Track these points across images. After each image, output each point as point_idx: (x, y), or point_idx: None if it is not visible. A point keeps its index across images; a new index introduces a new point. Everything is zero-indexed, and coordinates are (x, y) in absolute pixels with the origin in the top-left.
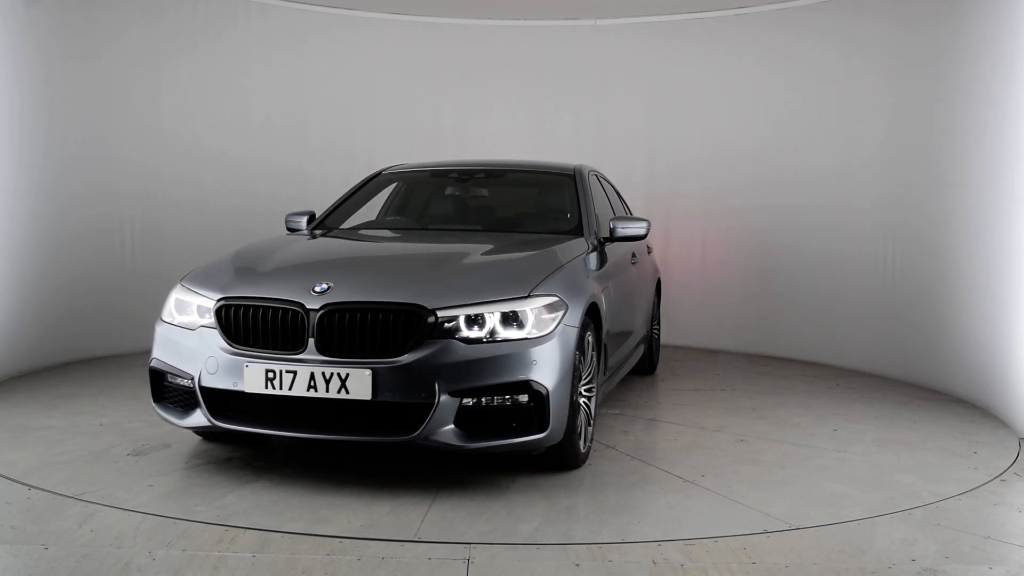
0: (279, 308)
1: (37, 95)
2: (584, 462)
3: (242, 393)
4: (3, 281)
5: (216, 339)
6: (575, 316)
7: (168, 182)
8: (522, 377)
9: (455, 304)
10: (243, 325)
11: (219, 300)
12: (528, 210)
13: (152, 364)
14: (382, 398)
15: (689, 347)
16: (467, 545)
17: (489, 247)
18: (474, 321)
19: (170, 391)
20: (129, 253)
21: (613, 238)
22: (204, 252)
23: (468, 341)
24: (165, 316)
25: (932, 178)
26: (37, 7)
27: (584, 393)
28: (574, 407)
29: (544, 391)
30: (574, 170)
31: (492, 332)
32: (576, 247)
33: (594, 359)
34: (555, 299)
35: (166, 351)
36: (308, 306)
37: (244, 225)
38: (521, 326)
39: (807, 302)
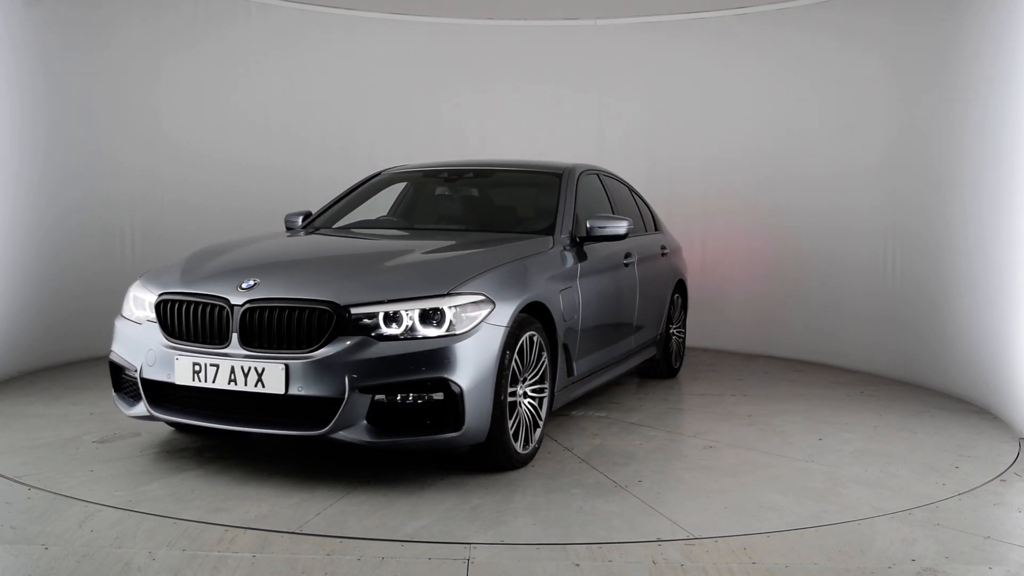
0: (207, 304)
1: (37, 96)
2: (525, 463)
3: (173, 385)
4: (4, 282)
5: (156, 333)
6: (503, 315)
7: (168, 183)
8: (435, 375)
9: (370, 301)
10: (177, 320)
11: (159, 296)
12: (510, 210)
13: (111, 357)
14: (294, 392)
15: (730, 351)
16: (467, 545)
17: (440, 245)
18: (392, 318)
19: (124, 382)
20: (129, 254)
21: (590, 237)
22: None
23: (384, 338)
24: (124, 311)
25: (933, 179)
26: (37, 7)
27: (531, 394)
28: (501, 407)
29: (458, 389)
30: (563, 170)
31: (411, 329)
32: (536, 246)
33: (546, 360)
34: (479, 297)
35: (120, 344)
36: (233, 302)
37: (244, 225)
38: (439, 324)
39: (806, 303)
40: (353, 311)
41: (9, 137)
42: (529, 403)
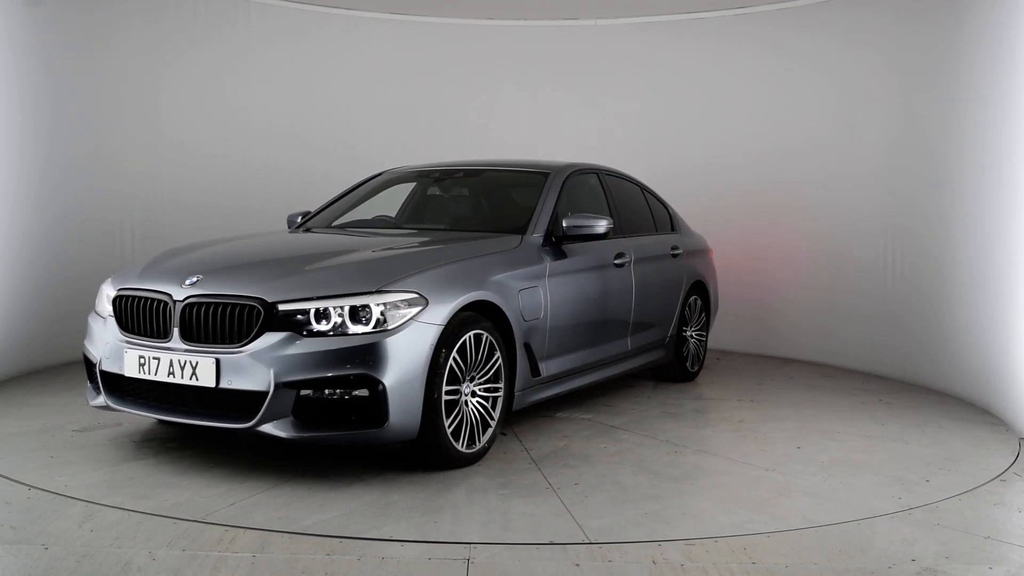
0: (153, 299)
1: (37, 96)
2: (470, 463)
3: (123, 376)
4: (4, 282)
5: (114, 327)
6: (438, 313)
7: (168, 182)
8: (358, 371)
9: (298, 298)
10: (129, 315)
11: (117, 291)
12: (493, 209)
13: (83, 350)
14: (224, 386)
15: (769, 356)
16: (467, 545)
17: (396, 243)
18: (322, 315)
19: (92, 375)
20: (130, 254)
21: (567, 236)
22: None
23: (311, 334)
24: (96, 307)
25: (933, 179)
26: (37, 7)
27: (480, 394)
28: (435, 405)
29: (381, 386)
30: (551, 170)
31: (341, 326)
32: (500, 245)
33: (500, 359)
34: (411, 295)
35: (88, 338)
36: (175, 298)
37: (244, 226)
38: (367, 322)
39: (805, 303)
40: (280, 308)
41: (9, 137)
42: (477, 402)
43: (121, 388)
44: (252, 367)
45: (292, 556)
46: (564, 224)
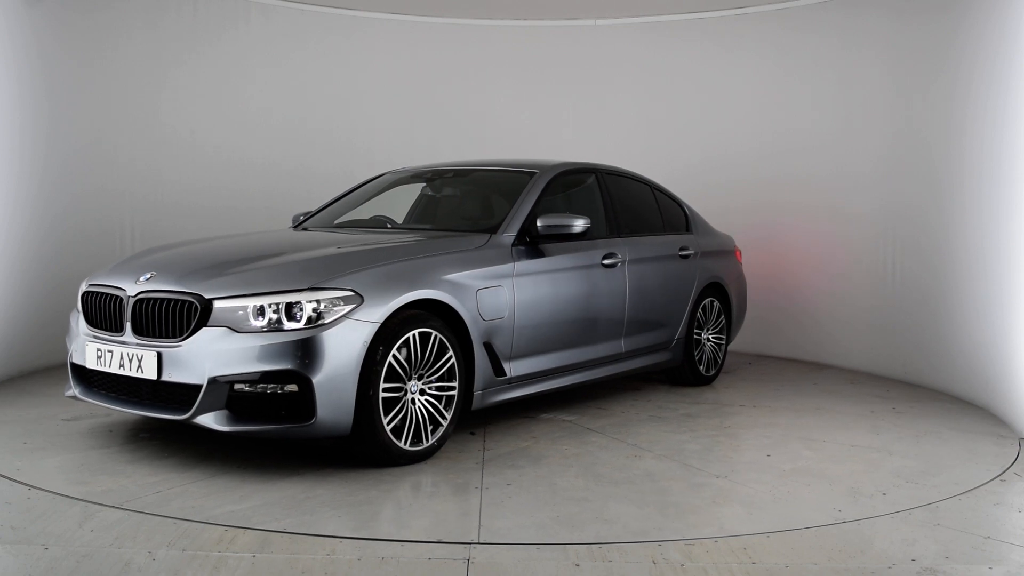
0: (110, 295)
1: (38, 96)
2: (415, 460)
3: (87, 368)
4: (4, 282)
5: (82, 321)
6: (374, 311)
7: (169, 183)
8: (284, 367)
9: (234, 295)
10: (92, 309)
11: (87, 287)
12: (475, 209)
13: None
14: (165, 378)
15: (806, 361)
16: (467, 545)
17: (356, 242)
18: (259, 312)
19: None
20: (130, 253)
21: (542, 236)
22: None
23: (245, 329)
24: (77, 303)
25: (933, 179)
26: (38, 7)
27: (430, 392)
28: (371, 402)
29: (309, 382)
30: (539, 169)
31: (276, 322)
32: (462, 244)
33: (453, 358)
34: (345, 293)
35: (68, 333)
36: (128, 293)
37: (245, 226)
38: (299, 318)
39: (803, 303)
40: (216, 304)
41: (9, 137)
42: (426, 400)
43: (87, 380)
44: (189, 361)
45: (292, 556)
46: (539, 224)
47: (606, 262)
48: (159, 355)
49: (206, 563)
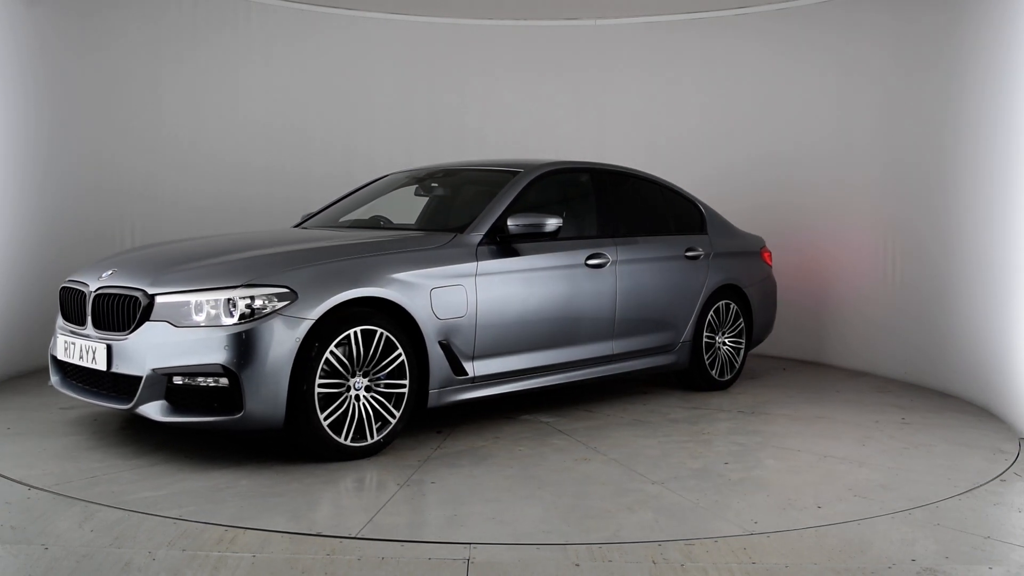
0: (77, 290)
1: (37, 96)
2: (358, 457)
3: (58, 359)
4: (4, 282)
5: (59, 316)
6: (309, 308)
7: (167, 183)
8: (214, 360)
9: (175, 291)
10: (65, 304)
11: (65, 283)
12: (454, 209)
13: None
14: (114, 369)
15: (843, 368)
16: (467, 545)
17: (319, 240)
18: (198, 307)
19: None
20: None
21: (512, 236)
22: None
23: (183, 324)
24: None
25: (933, 178)
26: (38, 6)
27: (377, 389)
28: (306, 397)
29: (235, 376)
30: (523, 168)
31: (214, 317)
32: (417, 243)
33: (403, 356)
34: (280, 290)
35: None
36: (90, 289)
37: (243, 226)
38: (233, 314)
39: (803, 304)
40: (158, 299)
41: (7, 138)
42: (373, 397)
43: (62, 370)
44: (133, 353)
45: (292, 556)
46: (509, 223)
47: (592, 262)
48: (108, 348)
49: (206, 563)
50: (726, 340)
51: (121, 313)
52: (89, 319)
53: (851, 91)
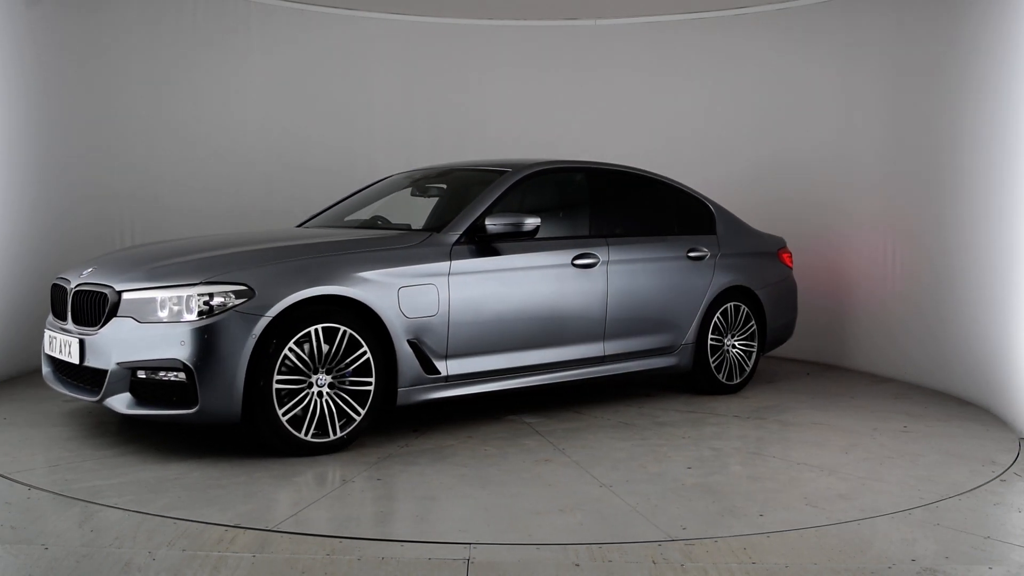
0: (61, 286)
1: (37, 96)
2: (322, 452)
3: (46, 353)
4: (4, 282)
5: (51, 311)
6: (266, 305)
7: (167, 184)
8: (172, 355)
9: (139, 287)
10: (52, 300)
11: (54, 280)
12: (439, 209)
13: None
14: (86, 363)
15: (869, 373)
16: (467, 545)
17: (295, 239)
18: (161, 304)
19: None
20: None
21: (491, 235)
22: None
23: (147, 320)
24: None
25: (933, 178)
26: (38, 6)
27: (341, 386)
28: (263, 392)
29: (190, 370)
30: (511, 167)
31: (176, 314)
32: (386, 243)
33: (368, 354)
34: (238, 287)
35: None
36: (71, 285)
37: (244, 226)
38: (192, 310)
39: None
40: (124, 296)
41: (9, 136)
42: (337, 394)
43: (52, 364)
44: (102, 348)
45: (292, 556)
46: (487, 223)
47: (579, 262)
48: (81, 342)
49: (206, 563)
50: (735, 343)
51: (93, 309)
52: (69, 315)
53: (852, 91)
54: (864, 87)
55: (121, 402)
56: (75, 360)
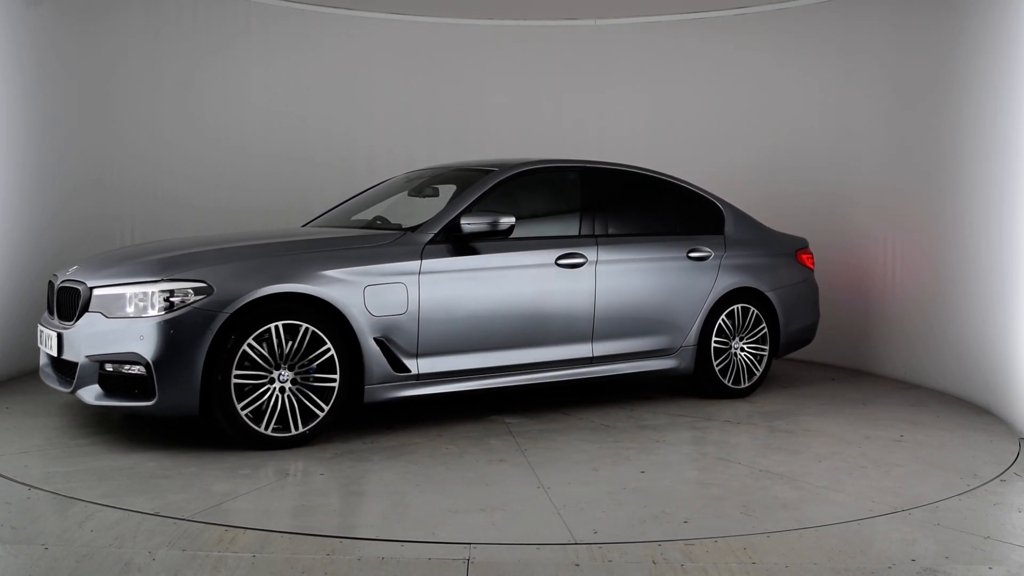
0: (51, 284)
1: (36, 96)
2: (286, 447)
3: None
4: (4, 282)
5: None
6: (224, 302)
7: (167, 183)
8: (132, 349)
9: (107, 284)
10: (47, 297)
11: (49, 278)
12: (425, 208)
13: None
14: (63, 356)
15: (896, 379)
16: (467, 545)
17: (268, 238)
18: (128, 300)
19: None
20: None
21: (464, 234)
22: None
23: (113, 315)
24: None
25: (933, 178)
26: (38, 6)
27: (304, 383)
28: (221, 387)
29: (149, 364)
30: (497, 167)
31: (142, 309)
32: (357, 242)
33: (332, 351)
34: (196, 284)
35: None
36: (57, 282)
37: (244, 226)
38: (154, 306)
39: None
40: (95, 292)
41: (9, 136)
42: (299, 390)
43: (46, 358)
44: (75, 342)
45: (292, 556)
46: (462, 223)
47: (564, 262)
48: (59, 336)
49: (206, 563)
50: (744, 346)
51: (71, 305)
52: (55, 310)
53: (851, 90)
54: (864, 86)
55: (90, 393)
56: (55, 353)
